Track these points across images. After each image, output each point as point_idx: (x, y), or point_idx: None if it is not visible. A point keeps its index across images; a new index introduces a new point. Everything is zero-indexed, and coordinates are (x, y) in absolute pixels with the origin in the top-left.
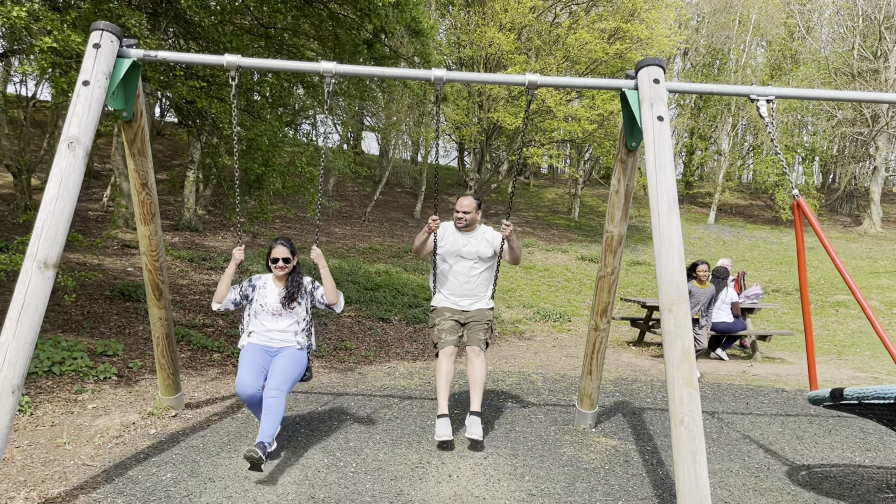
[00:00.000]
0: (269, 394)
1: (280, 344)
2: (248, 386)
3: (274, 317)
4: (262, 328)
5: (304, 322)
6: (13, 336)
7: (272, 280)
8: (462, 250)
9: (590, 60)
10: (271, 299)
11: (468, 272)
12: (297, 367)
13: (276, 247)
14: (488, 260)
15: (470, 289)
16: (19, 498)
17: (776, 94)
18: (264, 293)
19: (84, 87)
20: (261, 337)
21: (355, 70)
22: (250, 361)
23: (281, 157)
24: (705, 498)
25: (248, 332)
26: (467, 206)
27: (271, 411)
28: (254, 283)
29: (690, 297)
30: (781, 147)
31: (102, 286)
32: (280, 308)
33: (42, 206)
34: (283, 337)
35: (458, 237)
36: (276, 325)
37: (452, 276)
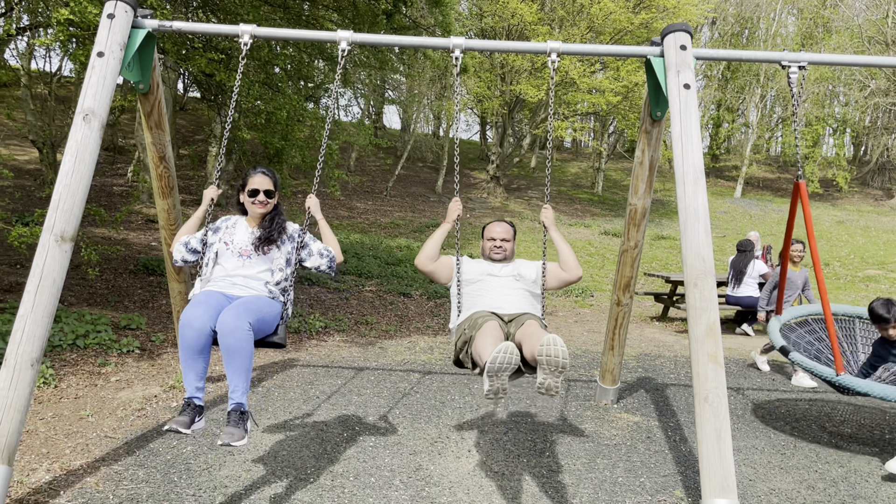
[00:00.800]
0: (228, 328)
1: (244, 291)
2: (196, 318)
3: (241, 258)
4: (223, 272)
5: (281, 272)
6: (31, 309)
7: (244, 221)
8: (494, 271)
9: (614, 31)
10: (240, 237)
11: (505, 286)
12: (265, 309)
13: (255, 175)
14: (530, 283)
15: (510, 301)
16: (41, 469)
17: (808, 60)
18: (231, 232)
19: (99, 58)
20: (220, 283)
21: (372, 39)
22: (204, 298)
23: (300, 130)
24: (730, 476)
25: (205, 281)
26: (504, 232)
27: (236, 352)
28: (217, 226)
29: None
30: (811, 118)
31: (127, 260)
32: (250, 248)
33: (58, 179)
34: (250, 284)
35: (490, 265)
36: (243, 269)
37: (486, 293)
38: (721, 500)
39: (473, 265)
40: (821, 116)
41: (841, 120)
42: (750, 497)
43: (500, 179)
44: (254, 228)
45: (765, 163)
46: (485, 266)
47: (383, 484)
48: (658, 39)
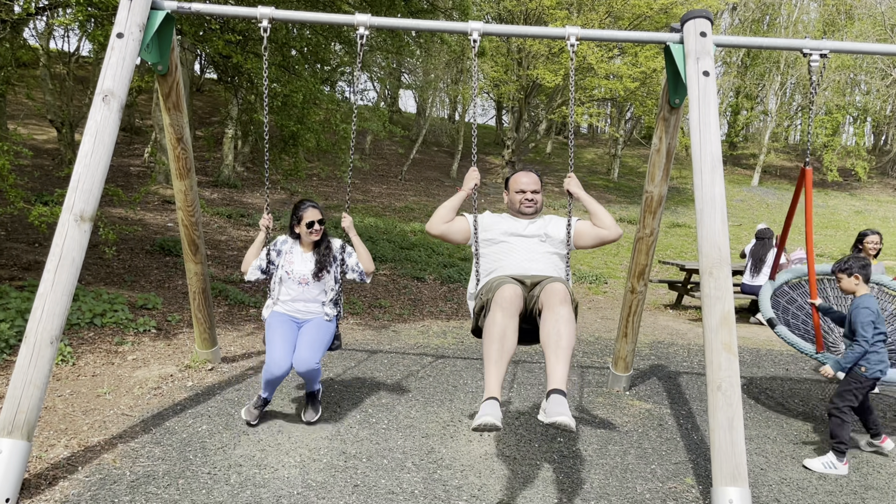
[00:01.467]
0: (304, 368)
1: (307, 316)
2: (279, 366)
3: (300, 285)
4: (289, 297)
5: (333, 292)
6: (51, 288)
7: (299, 245)
8: (520, 230)
9: (633, 16)
10: (298, 266)
11: (531, 248)
12: (326, 336)
13: (308, 209)
14: (558, 244)
15: (537, 267)
16: (60, 445)
17: (830, 48)
18: (290, 259)
19: (118, 39)
20: (287, 307)
21: (390, 22)
22: (280, 337)
23: (316, 114)
24: (741, 465)
25: (274, 300)
26: (534, 183)
27: (312, 380)
28: (279, 248)
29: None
30: (832, 106)
31: (143, 241)
32: (308, 277)
33: (77, 159)
34: (310, 308)
35: (514, 222)
36: (303, 294)
37: (510, 255)
38: (732, 488)
39: (495, 222)
40: (841, 105)
41: (861, 109)
42: (761, 486)
43: (516, 164)
44: (308, 254)
45: (783, 151)
46: (508, 223)
47: (395, 466)
48: (678, 26)
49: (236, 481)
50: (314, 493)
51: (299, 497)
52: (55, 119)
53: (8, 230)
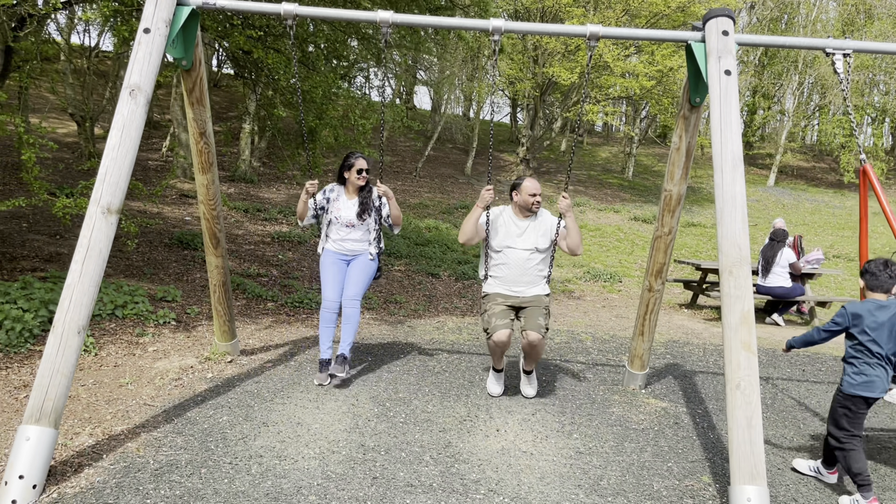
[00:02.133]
0: (348, 304)
1: (354, 253)
2: (332, 302)
3: (347, 228)
4: (338, 237)
5: (374, 231)
6: (78, 279)
7: (344, 192)
8: (517, 242)
9: (650, 14)
10: (345, 212)
11: (524, 263)
12: (369, 275)
13: (358, 159)
14: (545, 251)
15: (526, 279)
16: (84, 434)
17: (853, 48)
18: (338, 206)
19: (145, 34)
20: (337, 245)
21: (412, 20)
22: (332, 277)
23: (335, 109)
24: (759, 463)
25: (325, 238)
26: (539, 188)
27: (350, 321)
28: (328, 196)
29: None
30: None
31: (162, 234)
32: (354, 220)
33: (105, 153)
34: (357, 247)
35: (514, 224)
36: (351, 235)
37: (506, 268)
38: (750, 486)
39: (500, 227)
40: (860, 105)
41: (880, 109)
42: (778, 485)
43: (530, 162)
44: (353, 200)
45: (800, 151)
46: (507, 231)
47: (413, 459)
48: (699, 24)
49: (257, 471)
50: (334, 484)
51: (319, 488)
52: (75, 113)
53: (30, 222)
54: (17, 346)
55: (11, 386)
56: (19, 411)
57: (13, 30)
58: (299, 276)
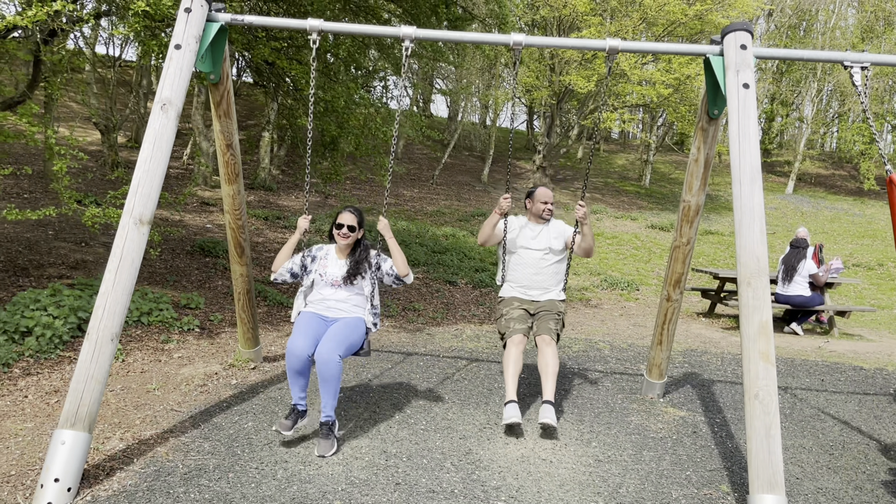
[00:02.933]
0: (323, 360)
1: (337, 314)
2: (299, 348)
3: (333, 288)
4: (320, 297)
5: (369, 298)
6: (112, 287)
7: (335, 251)
8: (531, 242)
9: (667, 22)
10: (332, 269)
11: (537, 263)
12: (354, 335)
13: (343, 213)
14: (559, 252)
15: (540, 280)
16: (115, 438)
17: (871, 61)
18: (325, 263)
19: (176, 50)
20: (317, 306)
21: (434, 34)
22: (305, 325)
23: (355, 118)
24: (778, 473)
25: (304, 302)
26: (552, 197)
27: (329, 379)
28: (314, 254)
29: None
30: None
31: (183, 242)
32: (340, 280)
33: (137, 165)
34: (341, 307)
35: (530, 228)
36: (335, 295)
37: (521, 267)
38: (769, 496)
39: (515, 230)
40: (879, 112)
41: None
42: (797, 495)
43: (547, 170)
44: (343, 261)
45: (818, 159)
46: (523, 234)
47: (435, 466)
48: (718, 38)
49: (283, 476)
50: (357, 489)
51: (343, 493)
52: (99, 122)
53: (55, 230)
54: (47, 353)
55: (43, 391)
56: (51, 416)
57: (44, 42)
58: None
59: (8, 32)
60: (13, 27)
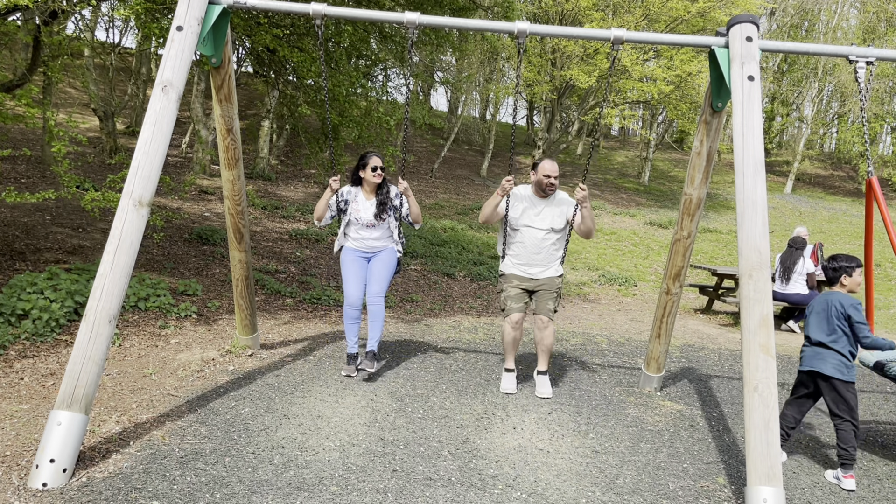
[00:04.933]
0: (373, 301)
1: (375, 250)
2: (356, 298)
3: (368, 228)
4: (358, 236)
5: (396, 229)
6: (110, 269)
7: (362, 193)
8: (534, 221)
9: (670, 19)
10: (364, 213)
11: (539, 243)
12: (391, 270)
13: (372, 157)
14: (560, 231)
15: (540, 258)
16: (111, 421)
17: (877, 56)
18: (356, 206)
19: (178, 32)
20: (357, 243)
21: (438, 21)
22: (353, 275)
23: (357, 107)
24: (776, 465)
25: (344, 236)
26: (555, 170)
27: (376, 317)
28: (346, 197)
29: None
30: (870, 115)
31: (181, 229)
32: (373, 220)
33: (137, 146)
34: (378, 244)
35: (532, 204)
36: (371, 234)
37: (522, 246)
38: (767, 487)
39: (518, 204)
40: (879, 114)
41: None
42: (793, 489)
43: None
44: (371, 200)
45: (818, 159)
46: (526, 209)
47: (432, 454)
48: (723, 30)
49: (279, 462)
50: (355, 475)
51: (340, 479)
52: (98, 108)
53: (53, 214)
54: (43, 336)
55: (39, 374)
56: (47, 398)
57: (44, 24)
58: (317, 273)
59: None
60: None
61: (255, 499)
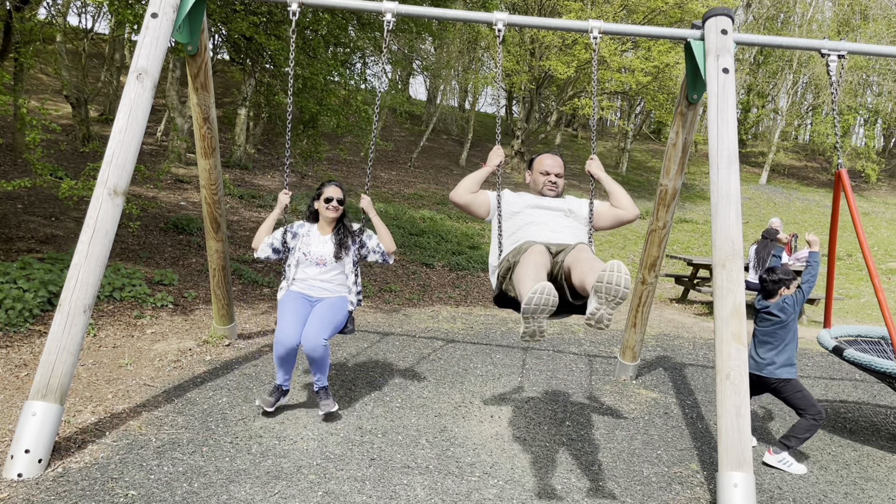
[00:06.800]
0: (312, 346)
1: (322, 294)
2: (289, 337)
3: (318, 267)
4: (305, 276)
5: (352, 275)
6: (85, 259)
7: (316, 228)
8: (543, 203)
9: (648, 10)
10: (315, 248)
11: (555, 221)
12: (338, 316)
13: (329, 186)
14: (581, 219)
15: (561, 237)
16: (87, 412)
17: (848, 50)
18: (307, 241)
19: (153, 19)
20: (302, 285)
21: (417, 11)
22: (291, 311)
23: (336, 95)
24: (747, 451)
25: (289, 281)
26: (558, 166)
27: (318, 363)
28: (295, 231)
29: None
30: (843, 108)
31: (157, 218)
32: (328, 258)
33: (112, 135)
34: (326, 287)
35: (538, 198)
36: (322, 276)
37: (534, 227)
38: (737, 472)
39: (517, 197)
40: (853, 106)
41: (873, 110)
42: (763, 473)
43: (525, 155)
44: (326, 237)
45: (792, 150)
46: (529, 198)
47: (410, 442)
48: (699, 23)
49: (257, 451)
50: (333, 464)
51: (319, 468)
52: (70, 95)
53: (25, 203)
54: (16, 326)
55: (12, 364)
56: (20, 389)
57: (16, 9)
58: None
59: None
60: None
61: (232, 488)
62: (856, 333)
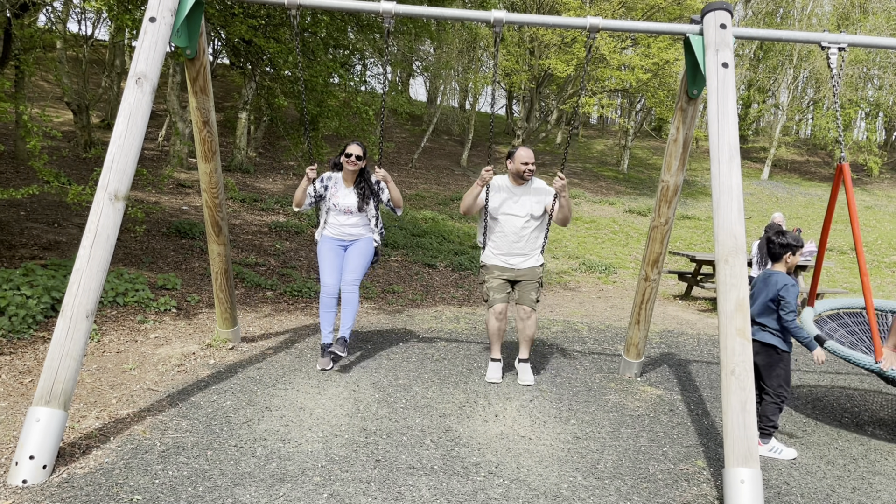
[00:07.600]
0: (347, 289)
1: (353, 238)
2: (330, 287)
3: (346, 215)
4: (337, 223)
5: (374, 218)
6: (86, 264)
7: (342, 179)
8: (514, 208)
9: (647, 7)
10: (343, 199)
11: (519, 231)
12: (367, 259)
13: (351, 144)
14: (539, 218)
15: (520, 247)
16: (91, 417)
17: (849, 42)
18: (336, 193)
19: (151, 23)
20: (335, 230)
21: (416, 11)
22: (329, 263)
23: (336, 97)
24: (753, 447)
25: (323, 224)
26: (532, 157)
27: (349, 305)
28: (325, 184)
29: None
30: (844, 101)
31: (159, 223)
32: (353, 207)
33: (112, 140)
34: (356, 232)
35: (511, 193)
36: (349, 221)
37: (502, 235)
38: (744, 469)
39: (497, 194)
40: (854, 99)
41: (874, 104)
42: (770, 469)
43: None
44: (350, 189)
45: (794, 145)
46: (507, 196)
47: (415, 443)
48: (698, 17)
49: (262, 454)
50: (338, 466)
51: (323, 470)
52: (72, 101)
53: (27, 210)
54: (20, 332)
55: (16, 371)
56: (25, 395)
57: (15, 17)
58: (297, 266)
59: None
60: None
61: (237, 491)
62: (838, 306)
